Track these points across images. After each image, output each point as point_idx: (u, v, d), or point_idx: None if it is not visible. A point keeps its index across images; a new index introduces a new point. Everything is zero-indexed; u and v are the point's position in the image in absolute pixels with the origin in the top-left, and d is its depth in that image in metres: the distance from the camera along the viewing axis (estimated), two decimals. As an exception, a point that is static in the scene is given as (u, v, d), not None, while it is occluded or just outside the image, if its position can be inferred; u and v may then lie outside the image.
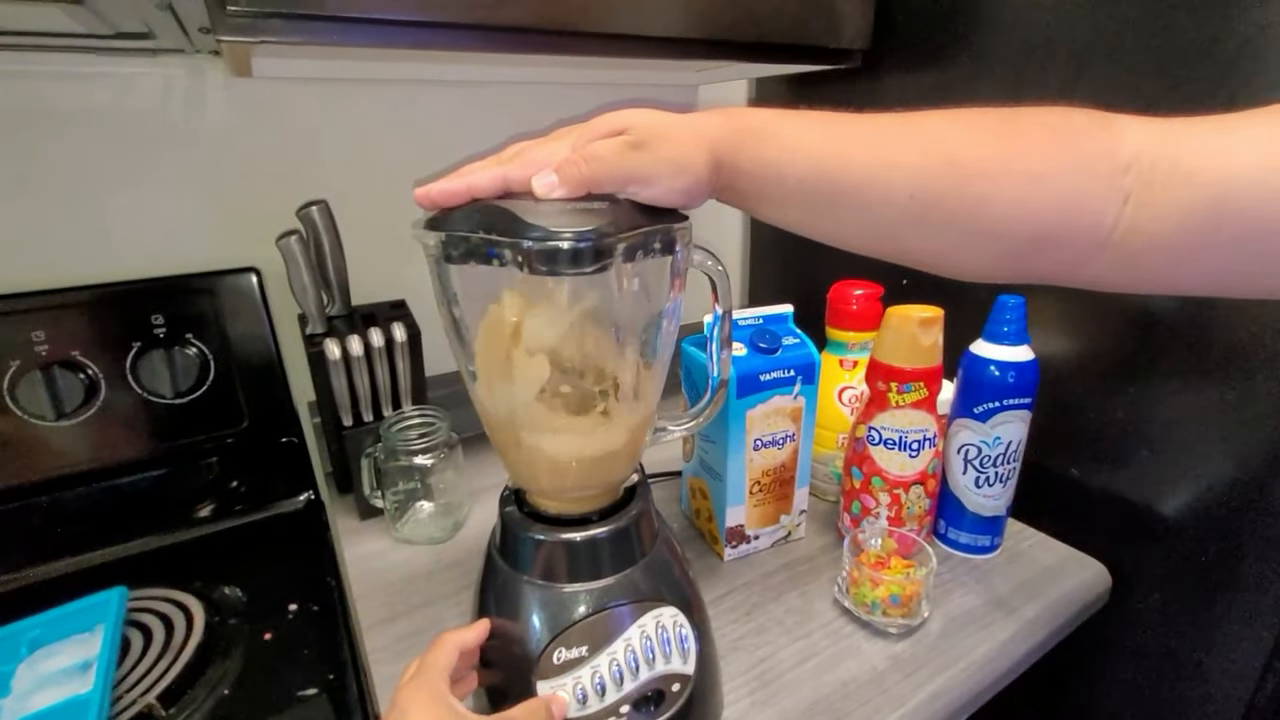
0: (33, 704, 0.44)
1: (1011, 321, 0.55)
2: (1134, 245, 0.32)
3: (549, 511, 0.42)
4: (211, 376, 0.65)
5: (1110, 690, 0.65)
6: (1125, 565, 0.61)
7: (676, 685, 0.41)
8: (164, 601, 0.57)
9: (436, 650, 0.37)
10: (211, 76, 0.63)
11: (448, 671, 0.36)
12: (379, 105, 0.72)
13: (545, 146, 0.34)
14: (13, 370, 0.57)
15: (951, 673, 0.49)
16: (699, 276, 0.42)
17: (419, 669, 0.36)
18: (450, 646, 0.38)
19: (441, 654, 0.37)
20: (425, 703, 0.34)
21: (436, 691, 0.35)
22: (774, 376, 0.56)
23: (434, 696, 0.34)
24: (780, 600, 0.56)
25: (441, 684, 0.35)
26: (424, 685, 0.35)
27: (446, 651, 0.37)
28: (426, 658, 0.37)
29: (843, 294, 0.66)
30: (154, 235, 0.65)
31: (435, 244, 0.34)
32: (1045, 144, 0.33)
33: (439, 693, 0.35)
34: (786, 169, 0.35)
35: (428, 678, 0.35)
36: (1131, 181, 0.32)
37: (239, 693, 0.49)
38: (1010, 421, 0.56)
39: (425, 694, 0.34)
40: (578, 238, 0.31)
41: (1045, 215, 0.33)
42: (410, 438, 0.63)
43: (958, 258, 0.37)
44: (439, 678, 0.36)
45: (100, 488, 0.62)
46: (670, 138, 0.33)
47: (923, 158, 0.34)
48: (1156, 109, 0.33)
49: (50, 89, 0.58)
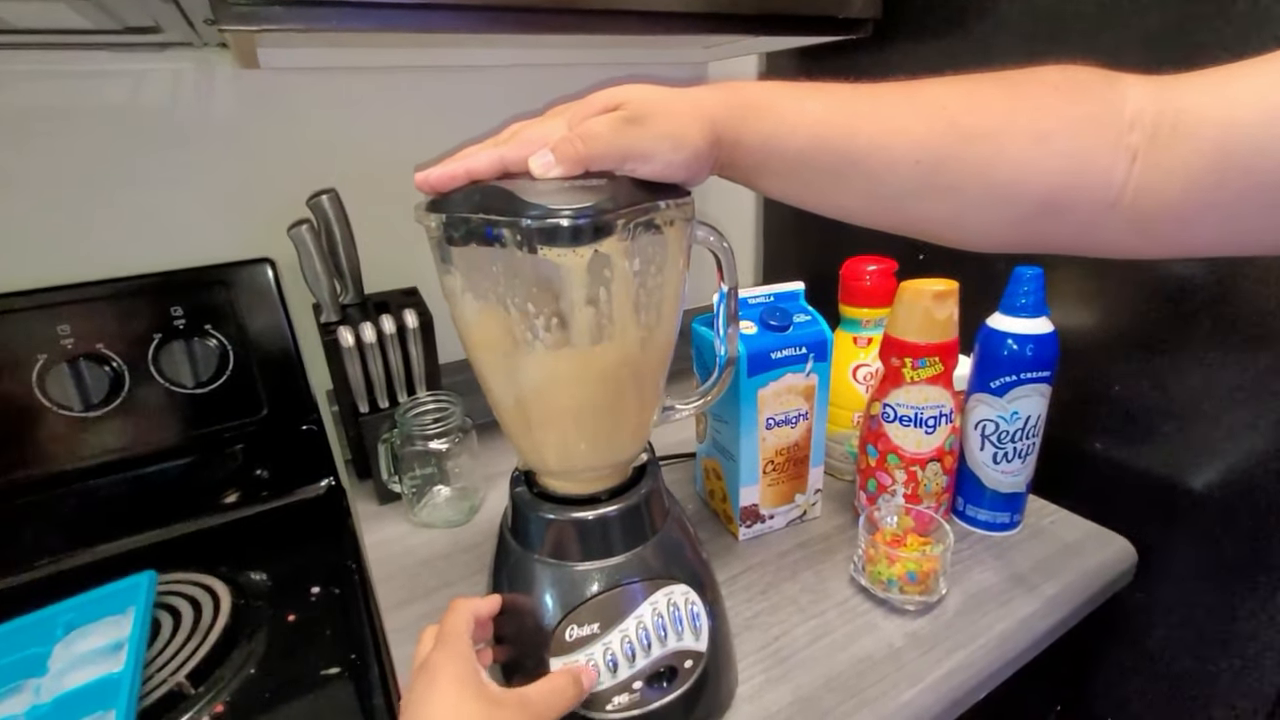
0: (68, 682, 0.46)
1: (1029, 293, 0.54)
2: (1145, 206, 0.31)
3: (559, 492, 0.42)
4: (231, 366, 0.66)
5: (1134, 668, 0.64)
6: (1150, 541, 0.59)
7: (689, 662, 0.41)
8: (191, 585, 0.59)
9: (455, 615, 0.37)
10: (219, 69, 0.63)
11: (470, 637, 0.37)
12: (385, 93, 0.72)
13: (541, 126, 0.34)
14: (41, 363, 0.59)
15: (969, 650, 0.48)
16: (707, 256, 0.41)
17: (442, 636, 0.36)
18: (467, 611, 0.38)
19: (460, 619, 0.37)
20: (455, 671, 0.34)
21: (465, 659, 0.35)
22: (785, 354, 0.56)
23: (463, 665, 0.34)
24: (795, 579, 0.56)
25: (469, 651, 0.35)
26: (454, 653, 0.35)
27: (465, 616, 0.38)
28: (446, 623, 0.37)
29: (856, 270, 0.65)
30: (170, 229, 0.66)
31: (436, 226, 0.34)
32: (1048, 102, 0.32)
33: (468, 661, 0.35)
34: (788, 141, 0.34)
35: (457, 645, 0.35)
36: (1137, 139, 0.31)
37: (264, 672, 0.51)
38: (1029, 396, 0.55)
39: (455, 662, 0.34)
40: (576, 214, 0.31)
41: (1052, 176, 0.32)
42: (425, 423, 0.64)
43: (966, 225, 0.36)
44: (466, 645, 0.36)
45: (128, 476, 0.64)
46: (667, 112, 0.32)
47: (926, 123, 0.33)
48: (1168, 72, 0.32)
49: (62, 87, 0.59)
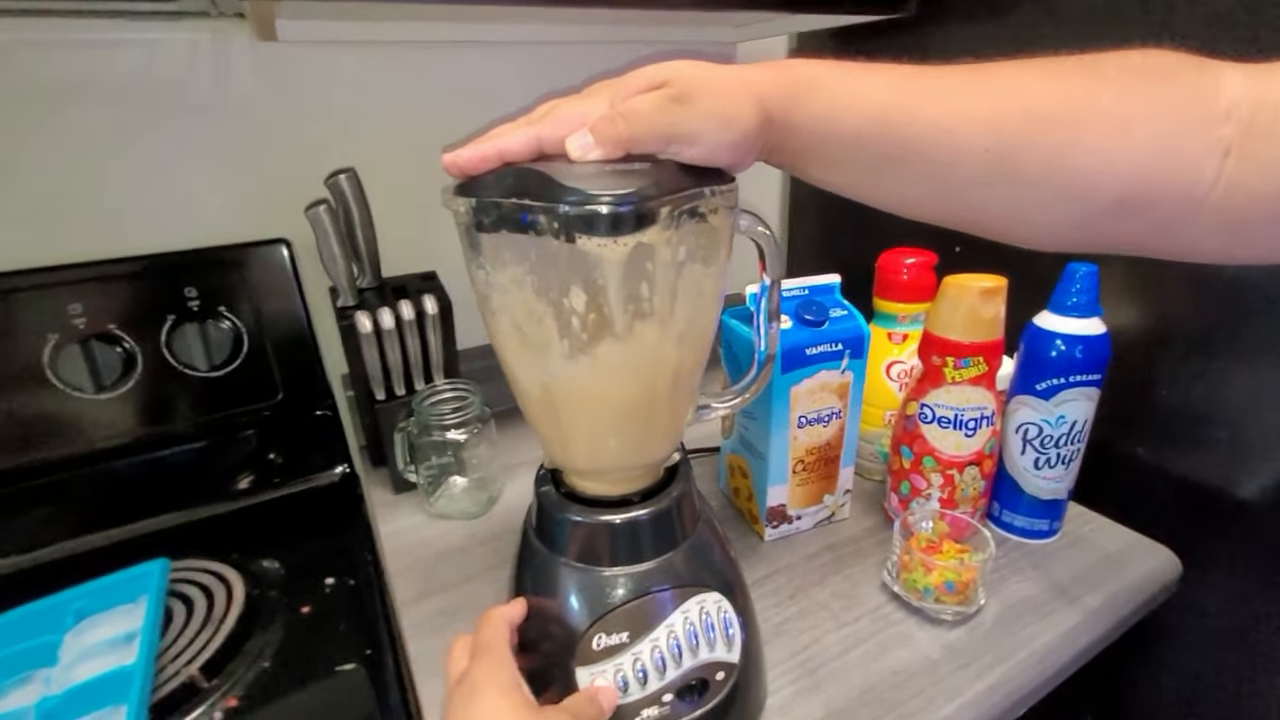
0: (78, 674, 0.45)
1: (1083, 291, 0.51)
2: (1236, 205, 0.29)
3: (587, 493, 0.40)
4: (245, 349, 0.64)
5: (1176, 683, 0.61)
6: (1196, 552, 0.57)
7: (721, 674, 0.39)
8: (204, 573, 0.57)
9: (491, 628, 0.36)
10: (236, 41, 0.61)
11: (509, 647, 0.36)
12: (408, 69, 0.69)
13: (579, 104, 0.32)
14: (53, 343, 0.57)
15: (1010, 664, 0.46)
16: (740, 244, 0.39)
17: (481, 646, 0.35)
18: (502, 623, 0.37)
19: (499, 629, 0.36)
20: (499, 682, 0.33)
21: (509, 669, 0.34)
22: (820, 350, 0.53)
23: (507, 675, 0.33)
24: (824, 584, 0.54)
25: (511, 661, 0.34)
26: (496, 663, 0.34)
27: (502, 626, 0.36)
28: (483, 632, 0.36)
29: (893, 262, 0.62)
30: (183, 207, 0.64)
31: (466, 211, 0.32)
32: (1133, 87, 0.29)
33: (511, 671, 0.34)
34: (843, 122, 0.32)
35: (499, 655, 0.34)
36: (1231, 131, 0.28)
37: (278, 665, 0.49)
38: (1076, 400, 0.53)
39: (498, 672, 0.33)
40: (618, 201, 0.28)
41: (1134, 169, 0.29)
42: (443, 412, 0.62)
43: (1034, 221, 0.33)
44: (508, 654, 0.35)
45: (139, 460, 0.63)
46: (715, 90, 0.30)
47: (997, 107, 0.30)
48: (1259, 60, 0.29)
49: (74, 58, 0.57)
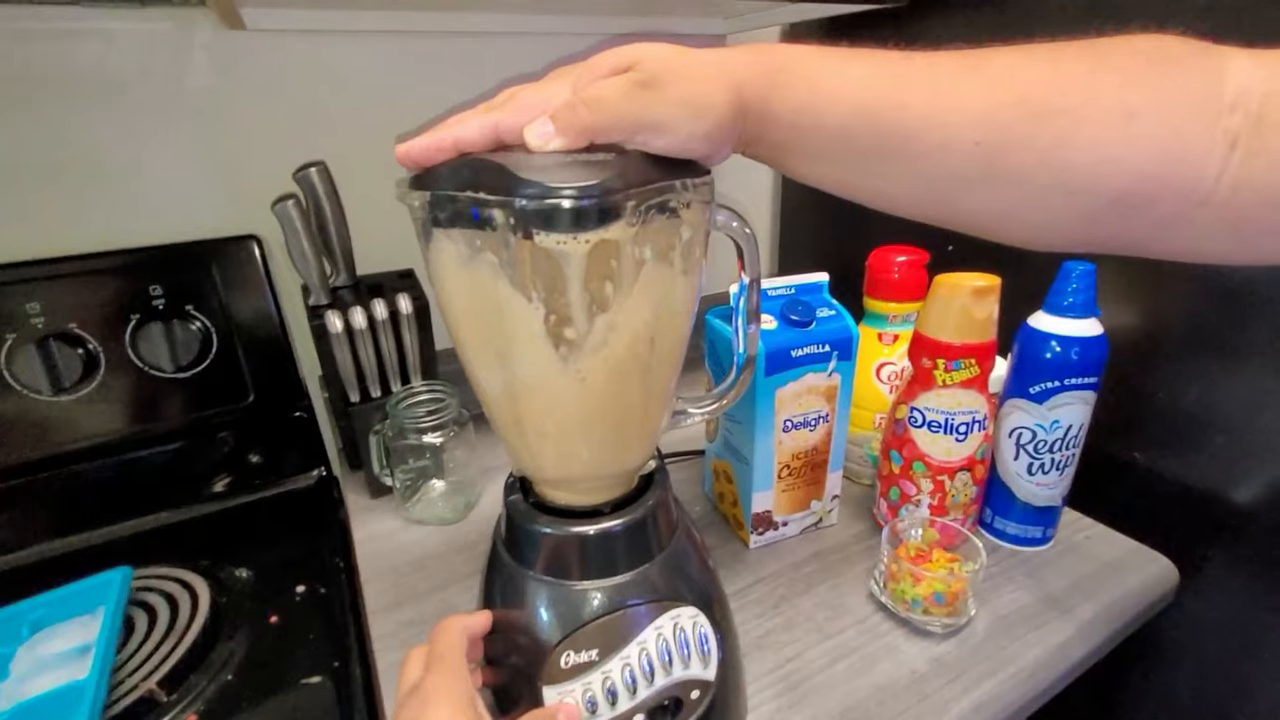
0: (30, 689, 0.43)
1: (1079, 291, 0.49)
2: (1242, 202, 0.27)
3: (557, 502, 0.38)
4: (214, 350, 0.62)
5: (1171, 696, 0.60)
6: (1193, 560, 0.55)
7: (696, 692, 0.37)
8: (170, 581, 0.55)
9: (445, 637, 0.34)
10: (201, 29, 0.59)
11: (465, 658, 0.34)
12: (381, 59, 0.67)
13: (541, 90, 0.30)
14: (9, 343, 0.55)
15: (1000, 678, 0.44)
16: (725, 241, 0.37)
17: (435, 656, 0.33)
18: (458, 634, 0.35)
19: (453, 639, 0.34)
20: (451, 696, 0.31)
21: (462, 682, 0.32)
22: (807, 352, 0.51)
23: (459, 689, 0.32)
24: (810, 593, 0.52)
25: (465, 673, 0.33)
26: (449, 675, 0.32)
27: (457, 637, 0.35)
28: (438, 643, 0.34)
29: (884, 261, 0.60)
30: (148, 202, 0.61)
31: (420, 205, 0.30)
32: (1139, 74, 0.27)
33: (464, 683, 0.32)
34: (826, 113, 0.30)
35: (452, 667, 0.33)
36: (1239, 123, 0.26)
37: (242, 678, 0.48)
38: (1071, 404, 0.51)
39: (451, 685, 0.31)
40: (579, 195, 0.26)
41: (1136, 162, 0.27)
42: (418, 414, 0.60)
43: (1029, 220, 0.31)
44: (462, 666, 0.33)
45: (103, 464, 0.60)
46: (687, 75, 0.28)
47: (991, 96, 0.28)
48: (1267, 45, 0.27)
49: (31, 48, 0.54)
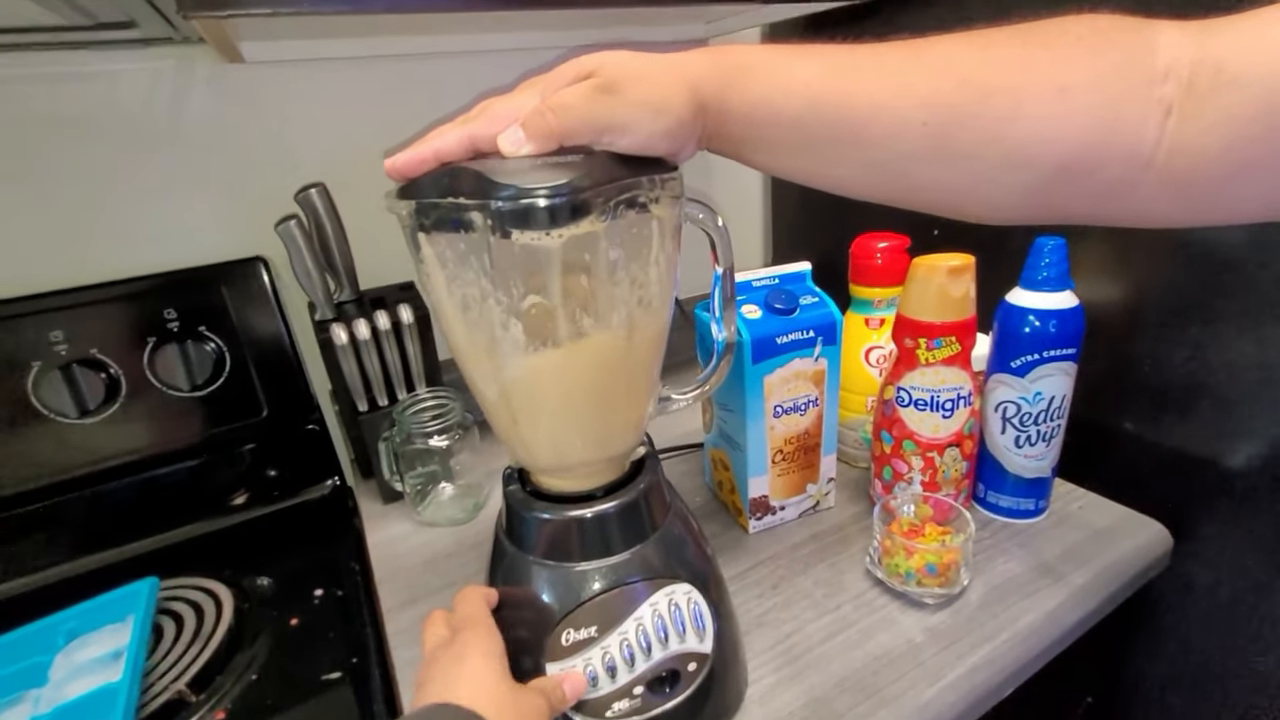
0: (68, 692, 0.46)
1: (1051, 265, 0.51)
2: (1181, 166, 0.28)
3: (553, 490, 0.40)
4: (228, 368, 0.65)
5: (1168, 659, 0.60)
6: (1186, 525, 0.56)
7: (693, 664, 0.39)
8: (195, 590, 0.58)
9: (472, 603, 0.38)
10: (201, 65, 0.62)
11: (492, 618, 0.37)
12: (373, 83, 0.70)
13: (512, 100, 0.32)
14: (35, 371, 0.58)
15: (993, 644, 0.46)
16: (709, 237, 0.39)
17: (465, 618, 0.37)
18: (481, 599, 0.38)
19: (480, 606, 0.38)
20: (486, 648, 0.34)
21: (495, 638, 0.35)
22: (792, 338, 0.53)
23: (494, 643, 0.35)
24: (808, 573, 0.54)
25: (497, 632, 0.36)
26: (483, 630, 0.35)
27: (482, 604, 0.38)
28: (466, 608, 0.37)
29: (866, 248, 0.62)
30: (159, 230, 0.65)
31: (407, 214, 0.32)
32: (1070, 52, 0.29)
33: (498, 640, 0.35)
34: (780, 107, 0.32)
35: (485, 623, 0.36)
36: (1171, 90, 0.27)
37: (266, 678, 0.50)
38: (1052, 375, 0.52)
39: (486, 639, 0.35)
40: (549, 193, 0.28)
41: (1076, 133, 0.29)
42: (425, 420, 0.62)
43: (981, 194, 0.33)
44: (493, 624, 0.36)
45: (127, 483, 0.63)
46: (644, 78, 0.30)
47: (934, 80, 0.30)
48: (1197, 17, 0.28)
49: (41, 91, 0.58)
